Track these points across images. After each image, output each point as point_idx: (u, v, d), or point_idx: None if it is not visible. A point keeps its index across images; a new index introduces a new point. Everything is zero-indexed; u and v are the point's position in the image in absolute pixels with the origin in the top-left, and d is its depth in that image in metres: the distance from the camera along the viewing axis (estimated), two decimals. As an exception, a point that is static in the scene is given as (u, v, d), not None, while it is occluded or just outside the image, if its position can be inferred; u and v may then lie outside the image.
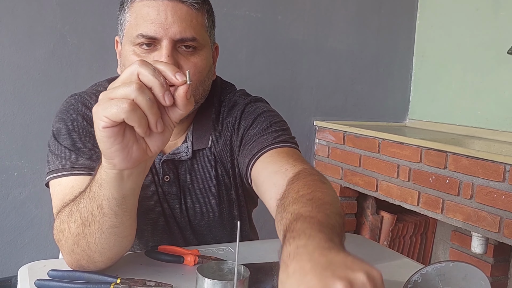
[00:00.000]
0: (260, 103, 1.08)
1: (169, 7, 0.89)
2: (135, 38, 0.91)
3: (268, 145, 0.95)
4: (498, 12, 2.29)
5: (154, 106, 0.62)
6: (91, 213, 0.74)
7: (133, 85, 0.60)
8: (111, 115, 0.61)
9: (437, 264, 0.71)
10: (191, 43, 0.91)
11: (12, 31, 1.88)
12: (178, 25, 0.89)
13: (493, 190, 1.71)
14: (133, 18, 0.92)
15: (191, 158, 1.03)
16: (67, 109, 1.00)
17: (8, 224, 1.94)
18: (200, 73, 0.94)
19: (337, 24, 2.58)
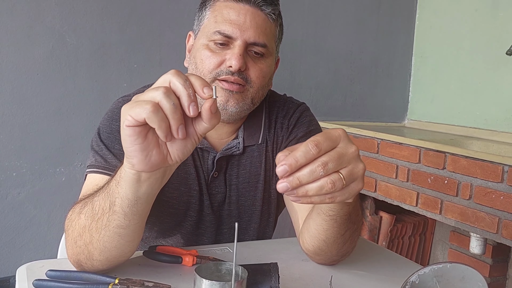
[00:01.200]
0: (311, 115, 1.16)
1: (249, 12, 0.97)
2: (212, 34, 0.97)
3: None
4: (497, 13, 2.29)
5: (177, 112, 0.62)
6: (102, 208, 0.75)
7: (161, 89, 0.62)
8: (134, 114, 0.62)
9: (435, 265, 0.71)
10: (261, 49, 0.99)
11: (11, 31, 1.88)
12: (254, 30, 0.96)
13: (492, 191, 1.71)
14: (213, 15, 0.98)
15: (241, 154, 1.08)
16: (118, 109, 1.02)
17: (7, 224, 1.94)
18: (263, 77, 1.01)
19: (336, 24, 2.58)
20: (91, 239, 0.77)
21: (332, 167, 0.61)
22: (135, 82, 2.09)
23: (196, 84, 0.63)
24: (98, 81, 2.04)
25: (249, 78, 0.98)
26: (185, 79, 0.63)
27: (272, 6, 0.99)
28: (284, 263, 0.91)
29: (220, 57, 0.97)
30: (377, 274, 0.94)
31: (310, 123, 1.12)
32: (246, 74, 0.98)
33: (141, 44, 2.10)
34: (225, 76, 0.96)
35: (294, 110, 1.13)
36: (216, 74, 0.97)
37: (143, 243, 1.10)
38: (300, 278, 0.89)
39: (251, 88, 0.99)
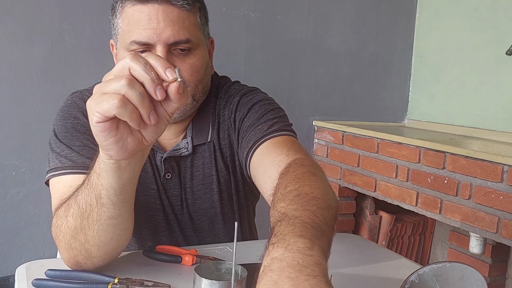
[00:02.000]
0: (256, 93, 1.07)
1: (160, 11, 0.89)
2: (129, 44, 0.91)
3: (262, 136, 0.95)
4: (496, 13, 2.29)
5: (145, 100, 0.61)
6: (89, 204, 0.74)
7: (123, 80, 0.60)
8: (102, 111, 0.61)
9: (434, 264, 0.72)
10: (185, 45, 0.92)
11: (10, 30, 1.88)
12: (170, 29, 0.89)
13: (491, 191, 1.71)
14: (125, 24, 0.92)
15: (191, 154, 1.03)
16: (68, 107, 1.01)
17: (6, 223, 1.94)
18: (197, 72, 0.95)
19: (335, 24, 2.58)
20: (86, 238, 0.77)
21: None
22: (134, 81, 2.09)
23: (157, 67, 0.62)
24: (97, 80, 2.02)
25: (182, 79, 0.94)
26: (145, 63, 0.61)
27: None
28: (284, 262, 0.91)
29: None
30: (377, 274, 0.94)
31: (252, 99, 1.03)
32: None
33: (141, 43, 2.10)
34: None
35: (234, 97, 1.05)
36: None
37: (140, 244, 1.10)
38: (300, 277, 0.88)
39: (187, 87, 0.95)
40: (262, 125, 0.97)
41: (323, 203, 0.67)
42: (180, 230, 1.06)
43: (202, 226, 1.06)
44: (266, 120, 0.98)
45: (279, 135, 0.95)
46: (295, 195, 0.68)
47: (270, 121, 0.98)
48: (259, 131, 0.96)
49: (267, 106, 1.02)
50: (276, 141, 0.93)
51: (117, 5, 0.95)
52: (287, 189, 0.70)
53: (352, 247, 1.09)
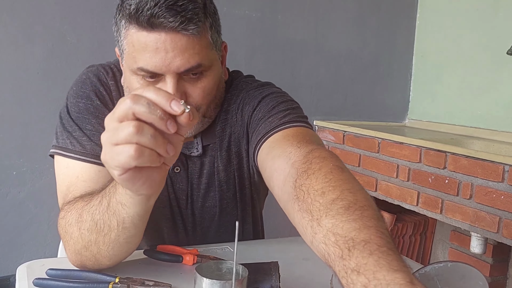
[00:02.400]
0: (268, 87, 1.01)
1: (168, 41, 0.81)
2: (136, 70, 0.85)
3: (272, 128, 0.88)
4: (497, 13, 2.29)
5: (158, 139, 0.60)
6: (108, 226, 0.74)
7: (131, 127, 0.58)
8: (122, 165, 0.60)
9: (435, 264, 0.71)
10: (197, 71, 0.86)
11: (11, 30, 1.88)
12: (180, 58, 0.83)
13: (492, 190, 1.71)
14: (131, 48, 0.85)
15: (202, 154, 1.00)
16: (83, 83, 0.98)
17: (7, 223, 1.94)
18: (209, 94, 0.91)
19: (336, 24, 2.58)
20: (99, 251, 0.77)
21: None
22: (135, 81, 2.09)
23: (161, 103, 0.59)
24: (98, 80, 2.04)
25: (193, 105, 0.88)
26: (148, 103, 0.58)
27: (193, 23, 0.82)
28: (285, 262, 0.91)
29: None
30: (377, 273, 0.94)
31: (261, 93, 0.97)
32: (189, 101, 0.88)
33: (142, 43, 2.10)
34: None
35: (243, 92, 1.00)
36: None
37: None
38: (301, 277, 0.88)
39: (199, 109, 0.91)
40: (273, 117, 0.90)
41: (374, 211, 0.59)
42: (182, 224, 1.05)
43: (203, 223, 1.06)
44: (278, 112, 0.91)
45: (291, 127, 0.87)
46: (342, 207, 0.58)
47: (282, 113, 0.91)
48: (269, 123, 0.90)
49: (279, 98, 0.96)
50: (287, 133, 0.86)
51: (121, 25, 0.88)
52: (327, 197, 0.60)
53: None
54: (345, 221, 0.55)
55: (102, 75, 1.00)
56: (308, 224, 0.60)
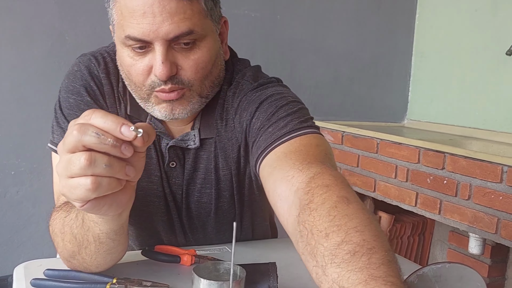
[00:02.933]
0: (268, 87, 0.93)
1: (156, 3, 0.76)
2: (124, 40, 0.81)
3: (272, 141, 0.81)
4: (497, 13, 2.29)
5: (115, 167, 0.56)
6: (86, 240, 0.73)
7: (83, 160, 0.54)
8: (80, 199, 0.57)
9: (433, 265, 0.71)
10: (188, 38, 0.80)
11: (10, 29, 1.88)
12: (169, 23, 0.77)
13: (491, 191, 1.71)
14: (119, 15, 0.81)
15: (199, 147, 0.95)
16: (74, 76, 0.95)
17: (5, 223, 1.94)
18: (203, 68, 0.84)
19: (336, 24, 2.58)
20: (84, 260, 0.77)
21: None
22: (134, 81, 2.09)
23: (110, 129, 0.55)
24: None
25: (185, 78, 0.83)
26: (96, 133, 0.54)
27: None
28: (283, 262, 0.91)
29: (144, 64, 0.82)
30: (375, 274, 0.94)
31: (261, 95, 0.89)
32: (181, 76, 0.83)
33: (141, 43, 2.09)
34: (158, 88, 0.83)
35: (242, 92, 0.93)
36: (150, 87, 0.84)
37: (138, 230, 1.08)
38: (299, 277, 0.88)
39: (192, 86, 0.85)
40: (273, 127, 0.83)
41: (383, 253, 0.55)
42: (179, 220, 1.02)
43: (200, 219, 1.02)
44: (278, 119, 0.83)
45: (292, 138, 0.80)
46: (348, 253, 0.54)
47: (282, 121, 0.83)
48: (269, 134, 0.82)
49: (279, 101, 0.87)
50: (289, 148, 0.79)
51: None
52: (331, 242, 0.56)
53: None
54: (351, 271, 0.53)
55: (94, 66, 0.95)
56: (313, 270, 0.57)
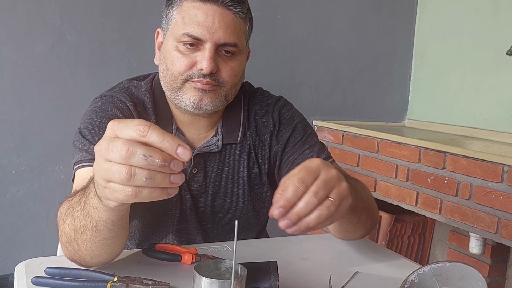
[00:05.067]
0: (290, 108, 1.17)
1: (217, 13, 0.95)
2: (181, 36, 0.96)
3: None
4: (497, 13, 2.29)
5: (156, 179, 0.56)
6: (83, 225, 0.73)
7: (123, 174, 0.55)
8: (120, 201, 0.60)
9: (434, 264, 0.71)
10: (231, 49, 0.98)
11: (11, 28, 1.88)
12: (223, 31, 0.95)
13: (491, 191, 1.71)
14: (181, 16, 0.97)
15: (221, 151, 1.08)
16: (98, 109, 1.03)
17: (6, 222, 1.94)
18: (235, 76, 1.01)
19: (336, 24, 2.58)
20: (78, 247, 0.78)
21: (322, 194, 0.66)
22: (135, 80, 2.09)
23: (167, 149, 0.55)
24: (98, 79, 2.04)
25: (221, 78, 0.99)
26: (144, 154, 0.55)
27: (240, 5, 0.98)
28: (284, 261, 0.91)
29: (191, 59, 0.97)
30: (376, 273, 0.94)
31: (293, 118, 1.14)
32: (218, 75, 0.98)
33: (141, 42, 2.10)
34: (197, 78, 0.97)
35: (273, 107, 1.14)
36: (187, 76, 0.97)
37: (131, 241, 1.10)
38: (299, 276, 0.89)
39: (224, 87, 1.00)
40: (309, 150, 1.09)
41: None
42: (198, 223, 1.08)
43: (224, 220, 1.11)
44: (310, 145, 1.11)
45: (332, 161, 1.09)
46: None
47: (314, 147, 1.11)
48: (307, 156, 1.07)
49: (306, 128, 1.14)
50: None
51: (174, 0, 1.00)
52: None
53: (352, 247, 1.09)
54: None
55: (118, 100, 1.05)
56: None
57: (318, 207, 0.66)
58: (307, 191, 0.65)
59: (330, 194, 0.67)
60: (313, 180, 0.66)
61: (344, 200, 0.69)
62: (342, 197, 0.68)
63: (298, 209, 0.65)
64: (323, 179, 0.67)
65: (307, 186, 0.65)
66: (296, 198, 0.65)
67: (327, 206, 0.66)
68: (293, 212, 0.65)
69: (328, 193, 0.67)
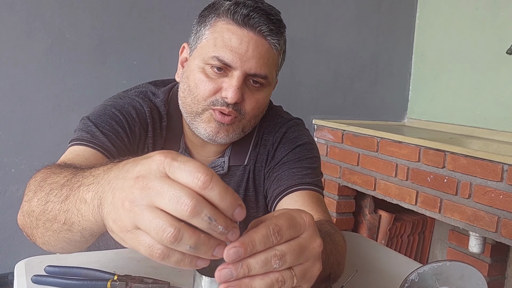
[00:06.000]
0: (301, 131, 1.08)
1: (253, 41, 0.89)
2: (210, 58, 0.90)
3: (296, 184, 0.96)
4: (497, 12, 2.29)
5: (200, 249, 0.46)
6: (54, 216, 0.62)
7: (168, 236, 0.44)
8: (137, 250, 0.48)
9: (434, 263, 0.71)
10: (260, 80, 0.92)
11: (11, 26, 1.88)
12: (255, 61, 0.90)
13: (491, 190, 1.71)
14: (213, 37, 0.91)
15: (226, 173, 1.03)
16: (113, 102, 0.98)
17: (5, 220, 1.94)
18: (258, 108, 0.96)
19: (336, 23, 2.58)
20: (37, 227, 0.68)
21: (289, 261, 0.49)
22: (134, 78, 2.09)
23: (224, 210, 0.46)
24: (97, 78, 2.04)
25: (244, 109, 0.93)
26: (210, 217, 0.44)
27: (278, 37, 0.93)
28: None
29: (216, 84, 0.91)
30: (377, 272, 0.94)
31: (297, 139, 1.04)
32: (241, 106, 0.92)
33: (141, 41, 2.09)
34: (220, 106, 0.91)
35: (280, 127, 1.06)
36: (210, 102, 0.91)
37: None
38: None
39: (243, 119, 0.95)
40: (296, 170, 0.99)
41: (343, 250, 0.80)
42: None
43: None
44: (301, 167, 1.00)
45: (311, 190, 0.96)
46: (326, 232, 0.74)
47: (305, 170, 0.99)
48: (292, 175, 0.98)
49: (307, 152, 1.03)
50: (308, 195, 0.95)
51: (210, 16, 0.93)
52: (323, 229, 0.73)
53: (352, 245, 1.08)
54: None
55: (136, 101, 0.99)
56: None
57: (274, 274, 0.49)
58: (274, 248, 0.49)
59: (296, 266, 0.50)
60: (290, 237, 0.50)
61: (305, 283, 0.52)
62: (306, 278, 0.52)
63: (253, 262, 0.48)
64: (301, 243, 0.51)
65: (280, 240, 0.49)
66: (262, 247, 0.48)
67: (284, 278, 0.49)
68: (245, 261, 0.48)
69: (295, 263, 0.50)
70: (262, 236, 0.48)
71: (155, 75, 1.35)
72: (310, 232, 0.52)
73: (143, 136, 0.97)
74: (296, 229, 0.51)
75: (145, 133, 0.98)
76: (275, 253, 0.48)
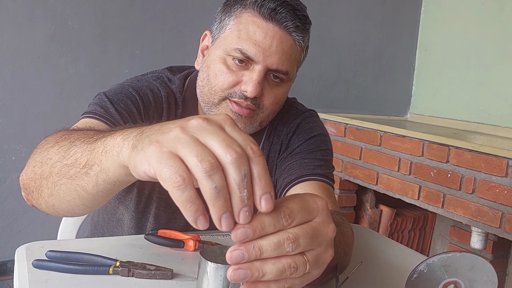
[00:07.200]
0: (316, 122, 1.07)
1: (277, 36, 0.88)
2: (232, 50, 0.89)
3: (307, 174, 0.95)
4: (503, 8, 2.27)
5: (221, 193, 0.44)
6: (75, 159, 0.62)
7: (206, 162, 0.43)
8: (157, 176, 0.45)
9: (444, 254, 0.70)
10: (281, 75, 0.92)
11: (13, 14, 1.86)
12: (278, 56, 0.89)
13: (495, 185, 1.70)
14: (237, 29, 0.90)
15: None
16: (131, 83, 0.97)
17: (5, 208, 1.93)
18: (277, 104, 0.96)
19: (340, 16, 2.56)
20: (48, 176, 0.67)
21: (302, 244, 0.47)
22: (136, 68, 2.07)
23: (258, 185, 0.44)
24: (99, 66, 2.02)
25: (262, 104, 0.92)
26: (244, 175, 0.44)
27: (303, 33, 0.92)
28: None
29: (236, 76, 0.90)
30: (381, 263, 0.93)
31: (312, 130, 1.04)
32: (260, 100, 0.92)
33: (144, 30, 2.08)
34: (237, 99, 0.90)
35: (295, 118, 1.06)
36: (228, 94, 0.90)
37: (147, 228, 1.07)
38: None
39: (261, 113, 0.94)
40: (309, 161, 0.98)
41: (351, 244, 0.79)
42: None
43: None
44: (314, 158, 0.99)
45: (323, 181, 0.95)
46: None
47: (317, 161, 0.98)
48: (304, 165, 0.97)
49: (321, 144, 1.03)
50: (319, 185, 0.94)
51: (236, 7, 0.91)
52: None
53: (356, 237, 1.07)
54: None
55: (154, 85, 0.97)
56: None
57: (286, 258, 0.47)
58: (286, 230, 0.46)
59: (308, 252, 0.48)
60: (303, 221, 0.48)
61: (316, 269, 0.50)
62: (318, 264, 0.49)
63: (265, 244, 0.46)
64: (314, 227, 0.48)
65: (291, 224, 0.47)
66: (272, 229, 0.46)
67: (297, 263, 0.47)
68: (256, 242, 0.46)
69: (308, 248, 0.48)
70: (272, 218, 0.45)
71: (158, 65, 1.33)
72: (323, 217, 0.49)
73: (157, 120, 0.96)
74: (308, 212, 0.48)
75: (158, 118, 0.97)
76: (288, 236, 0.46)
